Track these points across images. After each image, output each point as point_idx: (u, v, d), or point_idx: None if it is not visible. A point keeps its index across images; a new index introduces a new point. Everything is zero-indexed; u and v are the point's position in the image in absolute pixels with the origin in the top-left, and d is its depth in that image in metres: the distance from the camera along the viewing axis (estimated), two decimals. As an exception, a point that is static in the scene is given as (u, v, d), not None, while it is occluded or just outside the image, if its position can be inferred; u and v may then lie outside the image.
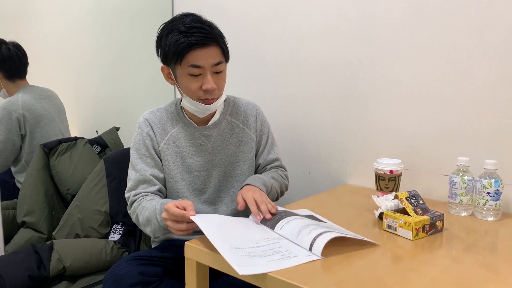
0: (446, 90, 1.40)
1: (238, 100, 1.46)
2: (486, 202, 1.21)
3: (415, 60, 1.46)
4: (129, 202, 1.32)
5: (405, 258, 0.97)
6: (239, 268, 0.86)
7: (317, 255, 0.94)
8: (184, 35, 1.21)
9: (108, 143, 2.19)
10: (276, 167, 1.49)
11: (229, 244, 0.96)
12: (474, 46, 1.34)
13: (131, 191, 1.33)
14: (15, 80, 2.25)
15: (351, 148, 1.64)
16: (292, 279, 0.84)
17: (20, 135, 2.15)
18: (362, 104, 1.59)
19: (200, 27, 1.23)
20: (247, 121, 1.43)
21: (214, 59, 1.25)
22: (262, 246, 0.98)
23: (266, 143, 1.47)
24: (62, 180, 1.98)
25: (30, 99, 2.19)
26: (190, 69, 1.24)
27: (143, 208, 1.25)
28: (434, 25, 1.41)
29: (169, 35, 1.24)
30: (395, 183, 1.35)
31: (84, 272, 1.56)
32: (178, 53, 1.22)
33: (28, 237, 1.81)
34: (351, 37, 1.59)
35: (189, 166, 1.36)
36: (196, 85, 1.26)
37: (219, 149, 1.39)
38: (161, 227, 1.18)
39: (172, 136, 1.36)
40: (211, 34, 1.24)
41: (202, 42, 1.22)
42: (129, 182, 1.35)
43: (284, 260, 0.92)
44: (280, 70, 1.80)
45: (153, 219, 1.19)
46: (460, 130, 1.39)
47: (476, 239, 1.08)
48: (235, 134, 1.41)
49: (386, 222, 1.11)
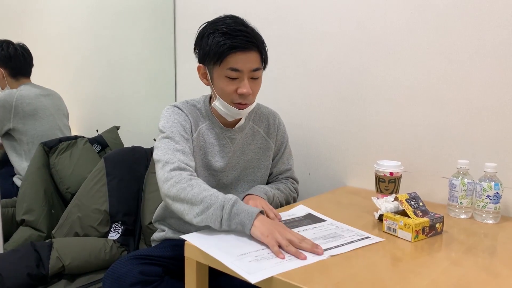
0: (447, 92, 1.41)
1: (261, 107, 1.47)
2: (486, 205, 1.21)
3: (415, 62, 1.46)
4: (173, 167, 1.16)
5: (404, 259, 0.97)
6: (249, 276, 0.85)
7: (325, 255, 0.95)
8: (227, 37, 1.20)
9: (108, 142, 2.19)
10: (287, 178, 1.49)
11: (234, 254, 0.94)
12: (475, 49, 1.34)
13: (171, 157, 1.18)
14: (19, 78, 2.30)
15: (351, 149, 1.64)
16: (292, 279, 0.84)
17: (10, 127, 2.16)
18: (362, 105, 1.60)
19: (244, 31, 1.22)
20: (268, 129, 1.45)
21: (253, 65, 1.24)
22: (267, 248, 0.97)
23: (283, 154, 1.48)
24: (62, 179, 1.98)
25: (28, 93, 2.21)
26: (229, 72, 1.23)
27: (198, 185, 1.12)
28: (435, 27, 1.41)
29: (210, 35, 1.23)
30: (395, 185, 1.35)
31: (83, 271, 1.56)
32: (219, 54, 1.21)
33: (27, 235, 1.81)
34: (351, 39, 1.59)
35: (209, 163, 1.35)
36: (232, 88, 1.25)
37: (238, 153, 1.39)
38: (222, 220, 1.05)
39: (202, 129, 1.35)
40: (253, 39, 1.23)
41: (244, 46, 1.21)
42: (164, 153, 1.20)
43: (292, 261, 0.92)
44: (280, 72, 1.80)
45: (218, 206, 1.06)
46: (460, 133, 1.39)
47: (475, 242, 1.08)
48: (256, 140, 1.42)
49: (386, 223, 1.11)
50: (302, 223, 1.17)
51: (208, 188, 1.12)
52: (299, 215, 1.25)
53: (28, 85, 2.29)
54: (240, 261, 0.91)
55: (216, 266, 0.94)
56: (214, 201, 1.07)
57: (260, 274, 0.85)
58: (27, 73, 2.33)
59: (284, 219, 1.19)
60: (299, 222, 1.17)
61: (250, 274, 0.85)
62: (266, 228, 1.00)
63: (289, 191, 1.45)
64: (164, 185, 1.16)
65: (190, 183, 1.13)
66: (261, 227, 1.01)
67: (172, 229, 1.42)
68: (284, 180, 1.49)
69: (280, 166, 1.48)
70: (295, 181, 1.52)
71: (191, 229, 1.36)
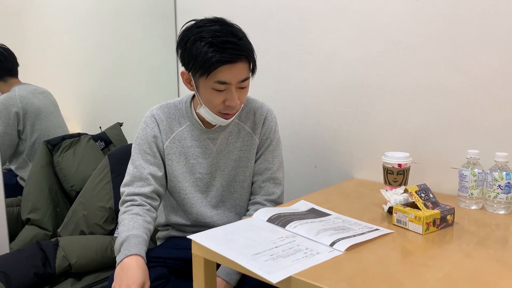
0: (455, 81, 1.38)
1: (251, 102, 1.39)
2: (497, 195, 1.19)
3: (422, 52, 1.43)
4: (122, 199, 1.30)
5: (416, 253, 0.95)
6: (269, 276, 0.81)
7: (340, 250, 0.92)
8: (215, 49, 1.13)
9: (112, 139, 2.18)
10: (263, 187, 1.38)
11: (247, 253, 0.91)
12: (483, 36, 1.31)
13: (126, 187, 1.31)
14: (7, 79, 2.25)
15: (358, 141, 1.62)
16: (303, 275, 0.82)
17: (18, 130, 2.15)
18: (368, 96, 1.57)
19: (233, 42, 1.15)
20: (254, 125, 1.37)
21: (242, 75, 1.20)
22: (280, 246, 0.95)
23: (266, 150, 1.38)
24: (66, 177, 1.97)
25: (27, 94, 2.19)
26: (216, 85, 1.18)
27: (123, 220, 1.23)
28: (441, 15, 1.38)
29: (197, 42, 1.15)
30: (403, 177, 1.33)
31: (89, 269, 1.55)
32: (206, 68, 1.15)
33: (33, 235, 1.80)
34: (356, 29, 1.57)
35: (193, 167, 1.34)
36: (219, 100, 1.21)
37: (223, 152, 1.35)
38: (116, 253, 1.19)
39: (178, 135, 1.33)
40: (242, 50, 1.17)
41: (232, 59, 1.15)
42: (126, 176, 1.33)
43: (308, 258, 0.89)
44: (284, 64, 1.77)
45: (118, 244, 1.18)
46: (469, 122, 1.37)
47: (487, 233, 1.06)
48: (241, 138, 1.37)
49: (396, 216, 1.09)
50: (308, 216, 1.14)
51: (126, 223, 1.21)
52: (302, 210, 1.22)
53: (21, 85, 2.25)
54: (256, 260, 0.88)
55: (228, 264, 0.93)
56: (120, 235, 1.20)
57: (280, 273, 0.82)
58: (14, 73, 2.27)
59: (287, 212, 1.16)
60: (304, 215, 1.14)
61: (269, 274, 0.82)
62: (117, 278, 1.09)
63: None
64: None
65: (121, 217, 1.25)
66: (119, 272, 1.10)
67: (175, 229, 1.42)
68: (259, 193, 1.38)
69: (260, 163, 1.37)
70: (276, 182, 1.38)
71: (193, 231, 1.36)
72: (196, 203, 1.35)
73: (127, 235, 1.16)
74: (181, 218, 1.38)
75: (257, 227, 1.07)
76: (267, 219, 1.10)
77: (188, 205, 1.35)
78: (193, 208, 1.35)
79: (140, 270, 1.09)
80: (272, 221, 1.09)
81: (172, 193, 1.37)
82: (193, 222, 1.37)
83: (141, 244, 1.16)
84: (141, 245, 1.16)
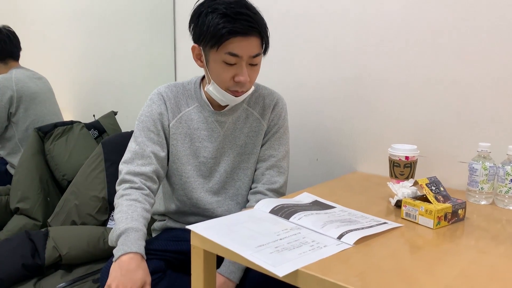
0: (464, 72, 1.33)
1: (261, 88, 1.36)
2: (509, 190, 1.14)
3: (430, 42, 1.38)
4: (120, 178, 1.23)
5: (427, 248, 0.90)
6: (275, 269, 0.76)
7: (349, 243, 0.87)
8: (227, 19, 1.10)
9: (106, 128, 2.12)
10: (266, 175, 1.32)
11: (250, 245, 0.86)
12: (494, 27, 1.27)
13: (125, 164, 1.24)
14: (8, 61, 2.23)
15: (362, 134, 1.57)
16: (311, 269, 0.77)
17: (10, 113, 2.10)
18: (373, 88, 1.52)
19: (246, 14, 1.12)
20: (263, 110, 1.33)
21: (253, 51, 1.16)
22: (285, 238, 0.89)
23: (273, 136, 1.34)
24: (57, 165, 1.90)
25: (24, 77, 2.16)
26: (227, 57, 1.14)
27: (121, 206, 1.17)
28: (451, 5, 1.33)
29: (209, 14, 1.12)
30: (410, 170, 1.28)
31: (81, 261, 1.49)
32: (217, 38, 1.11)
33: (22, 224, 1.74)
34: (362, 19, 1.51)
35: (197, 150, 1.28)
36: (228, 74, 1.17)
37: (230, 137, 1.31)
38: (111, 243, 1.13)
39: (185, 115, 1.28)
40: (256, 24, 1.13)
41: (245, 31, 1.11)
42: (126, 153, 1.26)
43: (315, 251, 0.84)
44: (287, 54, 1.72)
45: (115, 235, 1.11)
46: (479, 114, 1.32)
47: (500, 229, 1.01)
48: (249, 123, 1.32)
49: (405, 210, 1.04)
50: (312, 208, 1.08)
51: (124, 210, 1.15)
52: (306, 201, 1.16)
53: (20, 68, 2.24)
54: (260, 253, 0.82)
55: (230, 257, 0.87)
56: (117, 225, 1.13)
57: (286, 266, 0.77)
58: (16, 57, 2.26)
59: (290, 204, 1.10)
60: (308, 207, 1.09)
61: (275, 267, 0.76)
62: (114, 276, 1.01)
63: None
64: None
65: (118, 201, 1.19)
66: (117, 270, 1.02)
67: (172, 220, 1.36)
68: (260, 185, 1.32)
69: (266, 149, 1.33)
70: (279, 171, 1.33)
71: (190, 221, 1.30)
72: (197, 188, 1.29)
73: (126, 227, 1.10)
74: (177, 205, 1.33)
75: (259, 218, 1.02)
76: (269, 211, 1.05)
77: (188, 189, 1.30)
78: (193, 193, 1.30)
79: (140, 270, 1.04)
80: (275, 213, 1.04)
81: (172, 176, 1.32)
82: (190, 208, 1.31)
83: (140, 240, 1.10)
84: (141, 241, 1.10)
